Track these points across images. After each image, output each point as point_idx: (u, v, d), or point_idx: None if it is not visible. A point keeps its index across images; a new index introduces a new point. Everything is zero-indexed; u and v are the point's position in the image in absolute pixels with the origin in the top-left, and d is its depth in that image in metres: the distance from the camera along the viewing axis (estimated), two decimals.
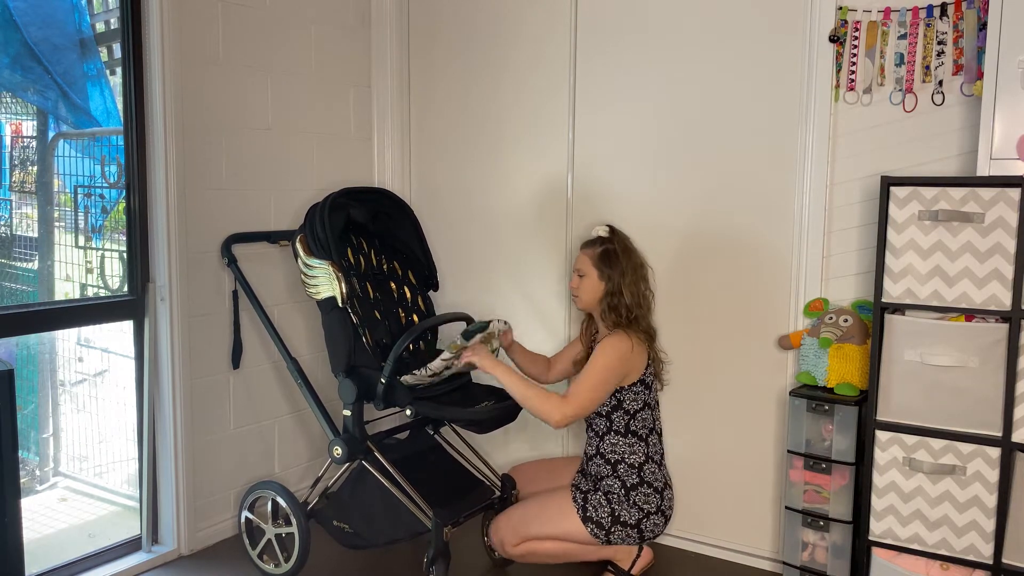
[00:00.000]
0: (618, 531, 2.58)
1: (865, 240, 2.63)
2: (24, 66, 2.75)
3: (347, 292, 2.66)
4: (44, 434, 3.23)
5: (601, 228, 2.74)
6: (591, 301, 2.70)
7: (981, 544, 2.21)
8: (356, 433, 2.72)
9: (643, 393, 2.65)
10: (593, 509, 2.58)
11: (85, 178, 3.02)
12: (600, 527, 2.57)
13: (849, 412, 2.48)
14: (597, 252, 2.68)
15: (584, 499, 2.61)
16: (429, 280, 3.04)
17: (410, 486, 2.63)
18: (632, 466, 2.62)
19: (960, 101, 2.47)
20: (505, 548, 2.66)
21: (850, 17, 2.60)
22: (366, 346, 2.70)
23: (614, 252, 2.67)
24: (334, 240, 2.69)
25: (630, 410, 2.63)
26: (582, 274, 2.70)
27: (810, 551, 2.61)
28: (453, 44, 3.43)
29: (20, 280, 2.98)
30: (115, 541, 2.89)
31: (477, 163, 3.41)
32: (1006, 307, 2.14)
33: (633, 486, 2.61)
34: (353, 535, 2.68)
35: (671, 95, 2.95)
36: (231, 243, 2.97)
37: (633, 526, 2.59)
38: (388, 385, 2.63)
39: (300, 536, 2.71)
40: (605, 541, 2.59)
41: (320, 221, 2.69)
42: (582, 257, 2.72)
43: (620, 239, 2.71)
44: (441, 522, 2.55)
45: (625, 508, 2.58)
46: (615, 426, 2.63)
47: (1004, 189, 2.13)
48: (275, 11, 3.13)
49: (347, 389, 2.70)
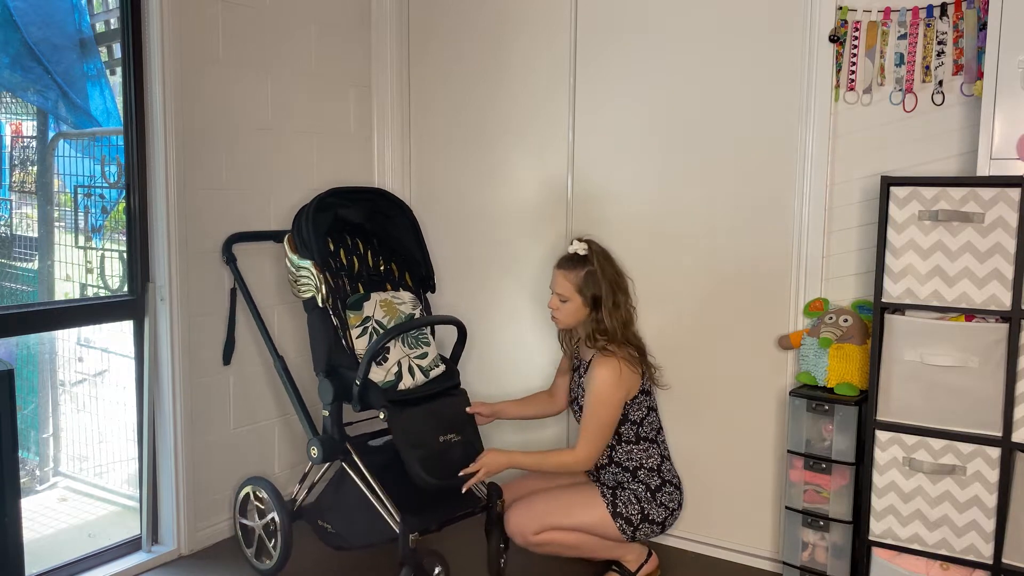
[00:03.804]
0: (645, 528, 2.60)
1: (865, 240, 2.63)
2: (24, 66, 2.75)
3: (326, 292, 2.65)
4: (44, 434, 3.23)
5: (579, 245, 2.64)
6: (572, 323, 2.67)
7: (981, 544, 2.21)
8: (335, 434, 2.72)
9: (645, 400, 2.65)
10: (623, 505, 2.59)
11: (85, 178, 3.02)
12: (629, 523, 2.58)
13: (849, 412, 2.48)
14: (580, 276, 2.60)
15: (613, 494, 2.61)
16: (426, 281, 2.99)
17: (383, 491, 2.58)
18: (652, 469, 2.64)
19: (960, 101, 2.47)
20: (526, 537, 2.62)
21: (850, 17, 2.60)
22: (345, 347, 2.68)
23: (596, 274, 2.60)
24: (317, 240, 2.68)
25: (636, 419, 2.63)
26: (564, 299, 2.63)
27: (810, 551, 2.61)
28: (453, 44, 3.43)
29: (20, 280, 2.98)
30: (115, 541, 2.89)
31: (477, 163, 3.41)
32: (1006, 307, 2.14)
33: (658, 487, 2.62)
34: (335, 535, 2.69)
35: (671, 96, 2.95)
36: (232, 242, 2.97)
37: (659, 523, 2.62)
38: (362, 386, 2.60)
39: (282, 530, 2.71)
40: (631, 537, 2.60)
41: (305, 220, 2.69)
42: (561, 280, 2.63)
43: (599, 257, 2.63)
44: (407, 529, 2.50)
45: (654, 507, 2.61)
46: (624, 437, 2.64)
47: (1004, 189, 2.12)
48: (275, 11, 3.13)
49: (325, 389, 2.70)
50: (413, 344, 2.75)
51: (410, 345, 2.74)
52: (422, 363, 2.74)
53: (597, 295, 2.60)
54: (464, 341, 2.88)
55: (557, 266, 2.68)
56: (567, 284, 2.62)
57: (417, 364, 2.72)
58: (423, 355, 2.76)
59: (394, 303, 2.80)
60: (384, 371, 2.65)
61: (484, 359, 3.44)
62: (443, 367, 2.83)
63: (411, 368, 2.70)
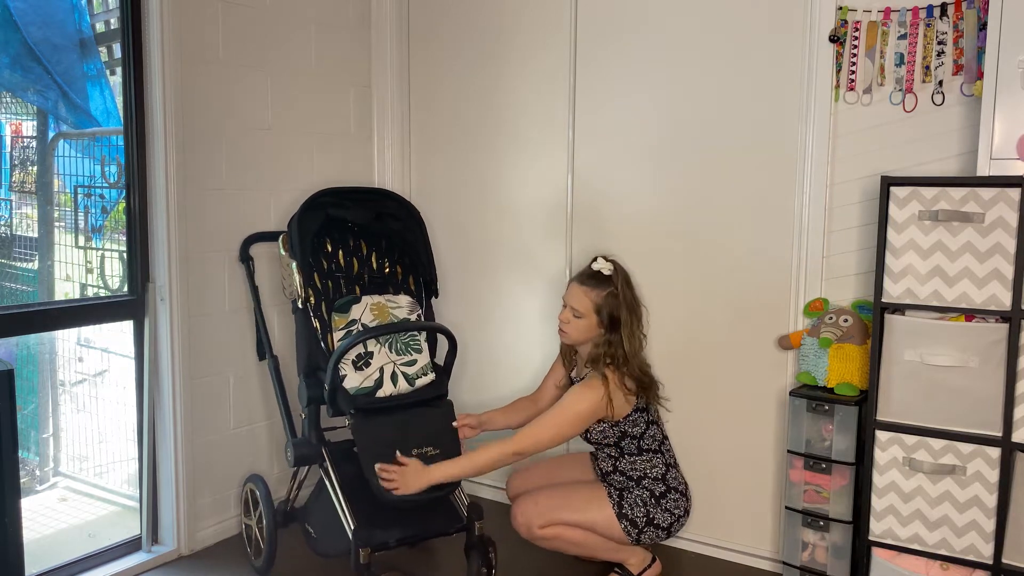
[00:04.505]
0: (649, 532, 2.59)
1: (865, 240, 2.63)
2: (24, 66, 2.75)
3: (305, 293, 2.64)
4: (44, 434, 3.23)
5: (605, 264, 2.58)
6: (581, 340, 2.62)
7: (981, 544, 2.21)
8: (312, 438, 2.68)
9: (642, 416, 2.63)
10: (629, 507, 2.58)
11: (85, 178, 3.02)
12: (634, 525, 2.57)
13: (849, 412, 2.48)
14: (601, 295, 2.55)
15: (620, 496, 2.60)
16: (430, 286, 2.93)
17: (346, 500, 2.50)
18: (656, 479, 2.63)
19: (960, 101, 2.47)
20: (531, 530, 2.60)
21: (850, 17, 2.60)
22: (325, 349, 2.65)
23: (619, 297, 2.55)
24: (301, 240, 2.66)
25: (635, 434, 2.62)
26: (578, 315, 2.57)
27: (810, 551, 2.60)
28: (453, 44, 3.43)
29: (20, 280, 2.98)
30: (115, 541, 2.89)
31: (477, 162, 3.41)
32: (1006, 307, 2.14)
33: (662, 494, 2.61)
34: (316, 540, 2.66)
35: (671, 96, 2.95)
36: (250, 243, 2.98)
37: (665, 528, 2.61)
38: (331, 390, 2.54)
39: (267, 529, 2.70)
40: (635, 540, 2.59)
41: (292, 220, 2.69)
42: (580, 295, 2.57)
43: (623, 280, 2.58)
44: (358, 543, 2.40)
45: (659, 512, 2.60)
46: (627, 450, 2.64)
47: (1004, 189, 2.12)
48: (275, 11, 3.13)
49: (302, 391, 2.68)
50: (402, 350, 2.68)
51: (398, 351, 2.67)
52: (408, 371, 2.67)
53: (616, 317, 2.55)
54: (455, 350, 2.78)
55: (577, 280, 2.61)
56: (586, 301, 2.57)
57: (403, 371, 2.65)
58: (411, 362, 2.68)
59: (387, 307, 2.75)
60: (363, 376, 2.59)
61: (481, 361, 3.44)
62: (432, 376, 2.73)
63: (395, 375, 2.64)
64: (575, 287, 2.61)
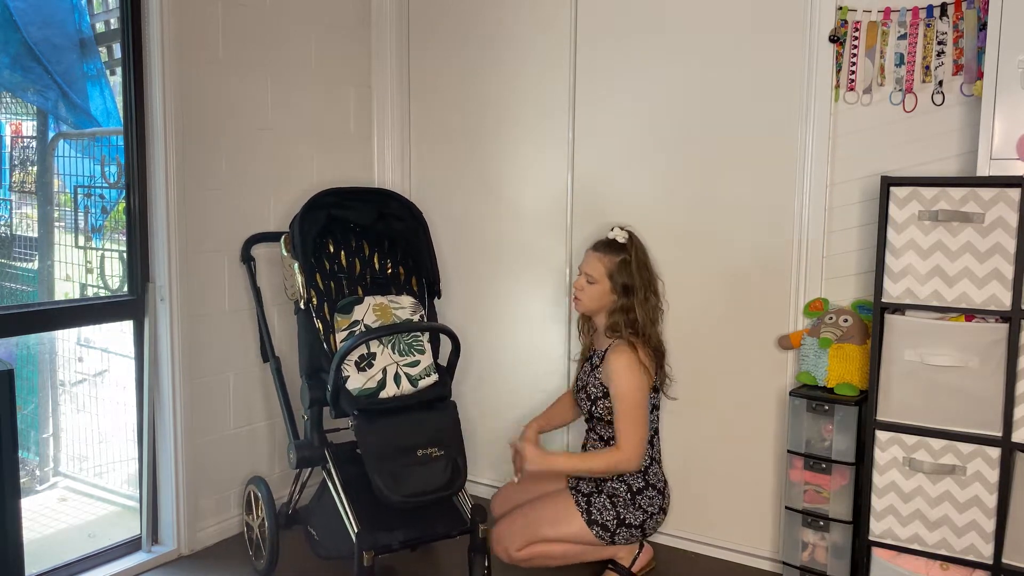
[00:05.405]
0: (623, 532, 2.58)
1: (865, 240, 2.63)
2: (24, 66, 2.75)
3: (307, 294, 2.64)
4: (44, 434, 3.23)
5: (620, 232, 2.60)
6: (594, 308, 2.63)
7: (981, 544, 2.21)
8: (314, 439, 2.67)
9: (652, 399, 2.63)
10: (598, 512, 2.57)
11: (85, 178, 3.02)
12: (605, 529, 2.57)
13: (849, 412, 2.48)
14: (615, 261, 2.57)
15: (588, 502, 2.60)
16: (433, 286, 2.93)
17: (349, 502, 2.49)
18: (639, 471, 2.62)
19: (960, 101, 2.47)
20: (510, 554, 2.59)
21: (850, 17, 2.60)
22: (327, 350, 2.64)
23: (632, 264, 2.56)
24: (303, 241, 2.66)
25: None
26: (592, 280, 2.58)
27: (810, 551, 2.61)
28: (453, 43, 3.43)
29: (20, 280, 2.98)
30: (115, 541, 2.89)
31: (477, 162, 3.41)
32: (1006, 307, 2.14)
33: (640, 490, 2.61)
34: (319, 543, 2.66)
35: (671, 95, 2.95)
36: (251, 243, 2.98)
37: (637, 527, 2.60)
38: (334, 391, 2.53)
39: (270, 531, 2.70)
40: (610, 542, 2.59)
41: (295, 221, 2.68)
42: (594, 261, 2.59)
43: (638, 249, 2.60)
44: (361, 546, 2.39)
45: (631, 511, 2.58)
46: None
47: (1004, 189, 2.13)
48: (275, 11, 3.13)
49: (304, 392, 2.68)
50: (404, 351, 2.66)
51: (401, 352, 2.66)
52: (411, 371, 2.65)
53: (628, 284, 2.56)
54: (458, 351, 2.75)
55: (592, 248, 2.64)
56: (599, 266, 2.58)
57: (406, 372, 2.64)
58: (414, 363, 2.67)
59: (390, 307, 2.74)
60: (366, 377, 2.58)
61: (484, 362, 3.44)
62: (435, 377, 2.71)
63: (397, 376, 2.63)
64: (590, 253, 2.64)
